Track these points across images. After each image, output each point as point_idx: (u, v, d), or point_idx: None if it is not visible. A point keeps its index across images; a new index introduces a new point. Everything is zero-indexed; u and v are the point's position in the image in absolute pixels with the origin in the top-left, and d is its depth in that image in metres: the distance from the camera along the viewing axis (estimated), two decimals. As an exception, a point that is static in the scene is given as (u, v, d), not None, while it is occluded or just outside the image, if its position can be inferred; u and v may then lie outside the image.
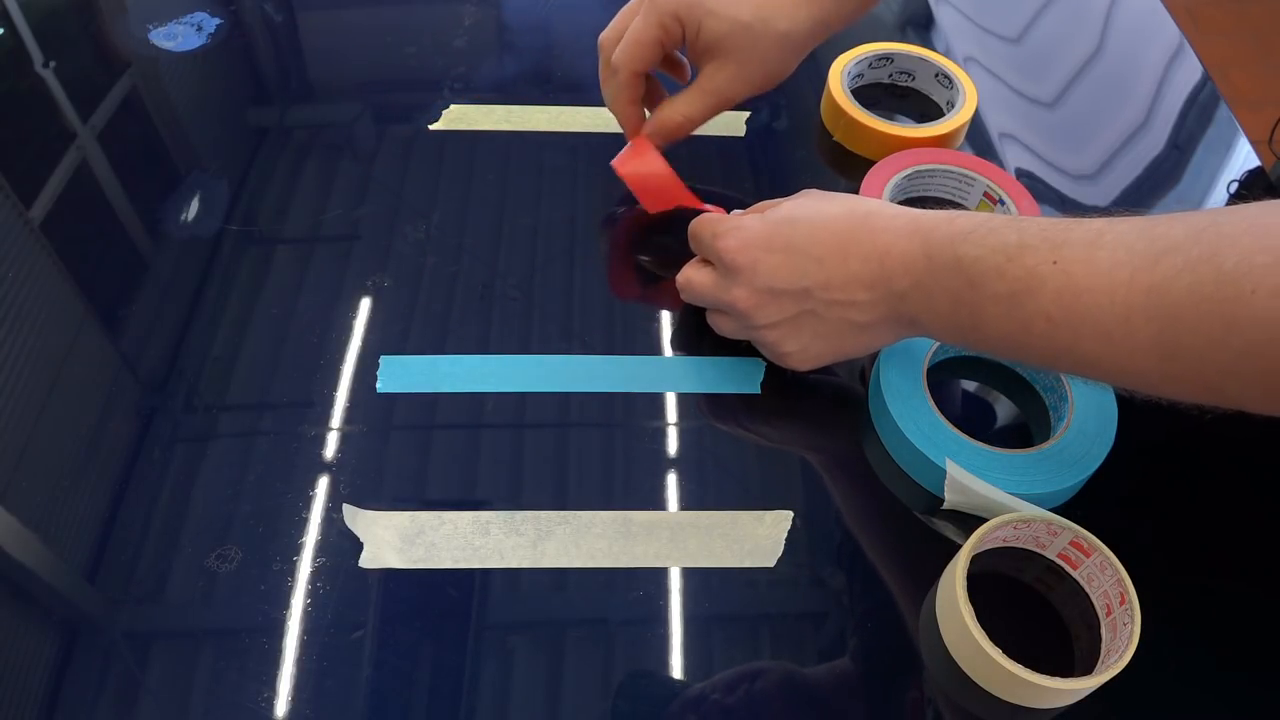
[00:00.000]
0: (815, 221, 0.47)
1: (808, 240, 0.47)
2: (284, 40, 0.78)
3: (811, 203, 0.49)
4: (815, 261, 0.47)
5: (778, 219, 0.49)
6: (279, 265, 0.59)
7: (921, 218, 0.45)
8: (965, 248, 0.42)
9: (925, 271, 0.44)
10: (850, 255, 0.46)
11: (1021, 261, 0.40)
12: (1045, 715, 0.43)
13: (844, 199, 0.49)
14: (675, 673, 0.44)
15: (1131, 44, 0.79)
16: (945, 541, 0.48)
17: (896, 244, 0.45)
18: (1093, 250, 0.39)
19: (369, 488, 0.49)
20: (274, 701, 0.42)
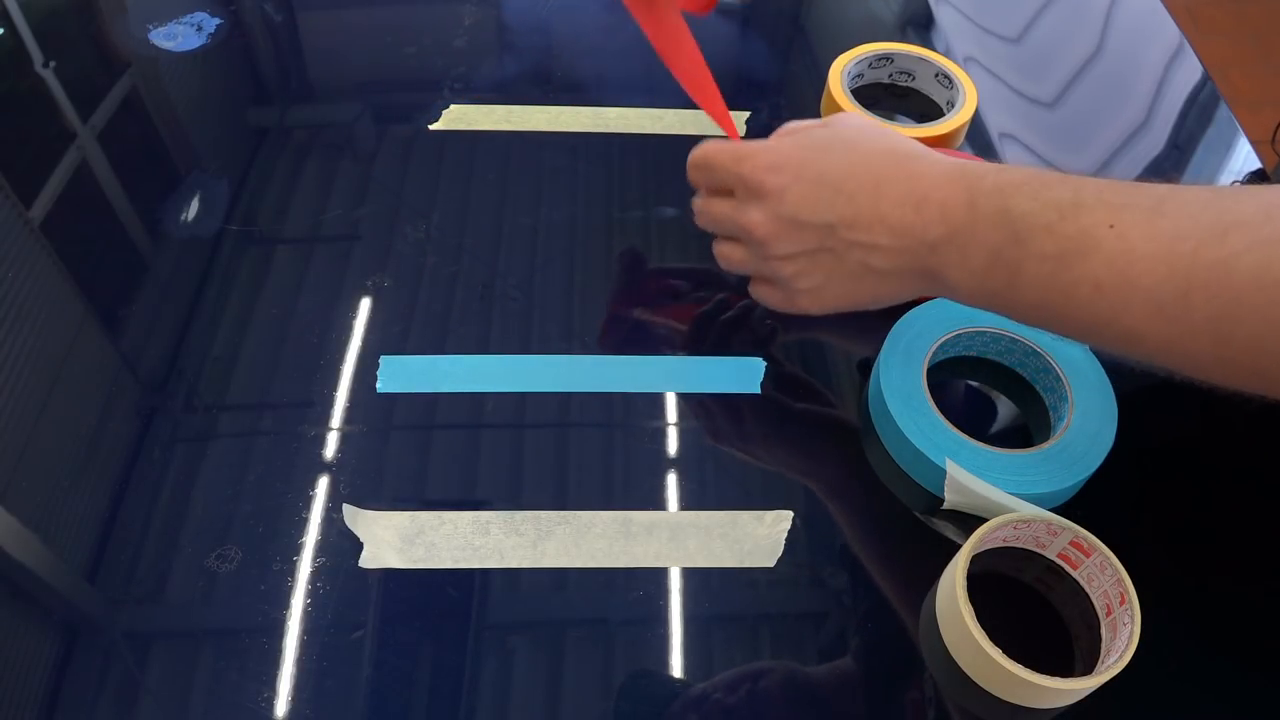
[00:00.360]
0: (854, 154, 0.45)
1: (842, 172, 0.44)
2: (284, 40, 0.78)
3: (851, 133, 0.46)
4: (846, 196, 0.44)
5: (813, 144, 0.45)
6: (279, 265, 0.59)
7: (968, 165, 0.42)
8: (1016, 200, 0.39)
9: (965, 222, 0.41)
10: (884, 195, 0.43)
11: (1076, 220, 0.38)
12: (1045, 715, 0.43)
13: (887, 135, 0.46)
14: (676, 673, 0.44)
15: (1131, 44, 0.79)
16: (945, 541, 0.48)
17: (937, 189, 0.42)
18: (1154, 217, 0.36)
19: (369, 488, 0.49)
20: (274, 701, 0.42)
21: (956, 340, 0.53)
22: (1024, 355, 0.53)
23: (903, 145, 0.45)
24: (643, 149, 0.67)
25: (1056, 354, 0.51)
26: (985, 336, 0.53)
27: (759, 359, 0.55)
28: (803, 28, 0.82)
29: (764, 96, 0.73)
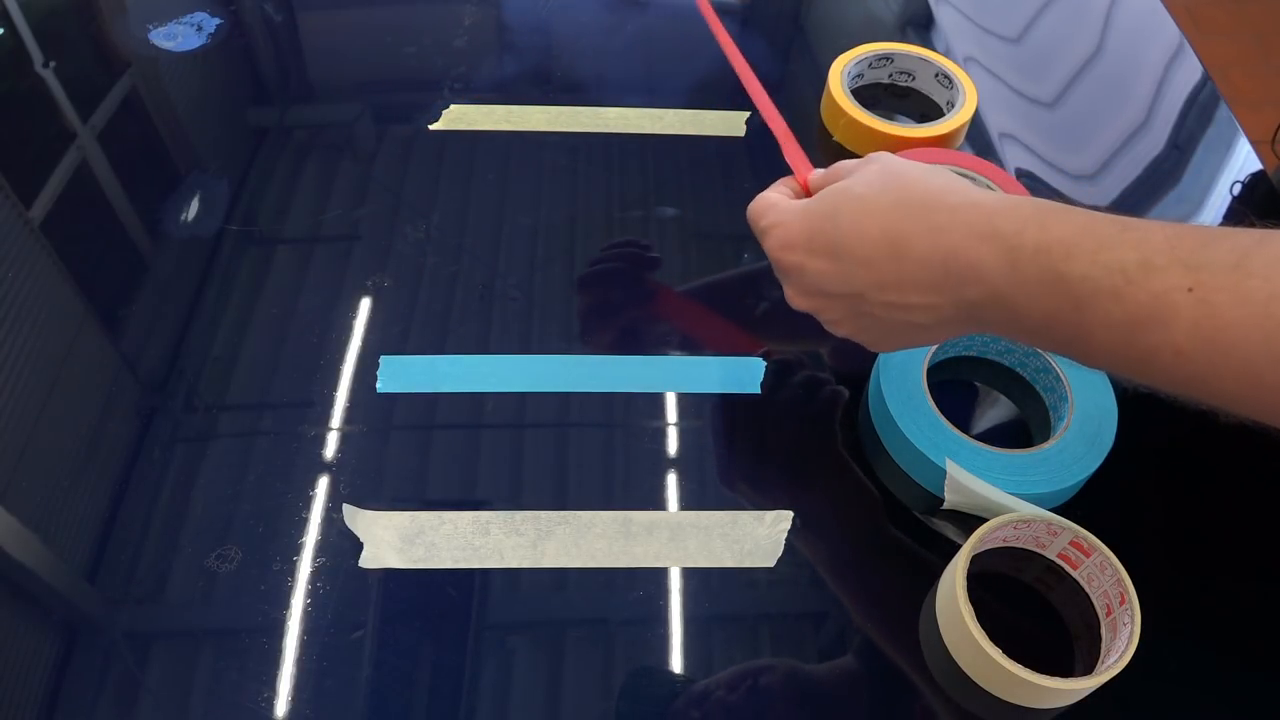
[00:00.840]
0: (860, 217, 0.41)
1: (853, 240, 0.41)
2: (284, 40, 0.78)
3: (861, 188, 0.42)
4: (862, 264, 0.41)
5: (820, 214, 0.43)
6: (279, 265, 0.59)
7: (997, 214, 0.38)
8: (1071, 265, 0.35)
9: (1008, 284, 0.37)
10: (904, 256, 0.40)
11: (1147, 284, 0.34)
12: (1045, 715, 0.43)
13: (899, 183, 0.42)
14: (677, 672, 0.44)
15: (1131, 44, 0.79)
16: (945, 541, 0.48)
17: (965, 248, 0.38)
18: (1240, 277, 0.33)
19: (369, 488, 0.49)
20: (274, 701, 0.42)
21: (956, 340, 0.53)
22: (1024, 355, 0.53)
23: (916, 190, 0.41)
24: (643, 149, 0.67)
25: (1056, 354, 0.51)
26: (985, 336, 0.53)
27: (759, 359, 0.55)
28: (803, 28, 0.82)
29: (764, 96, 0.73)
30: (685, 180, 0.66)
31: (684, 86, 0.72)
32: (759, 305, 0.58)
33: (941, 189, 0.41)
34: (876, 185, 0.42)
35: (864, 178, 0.43)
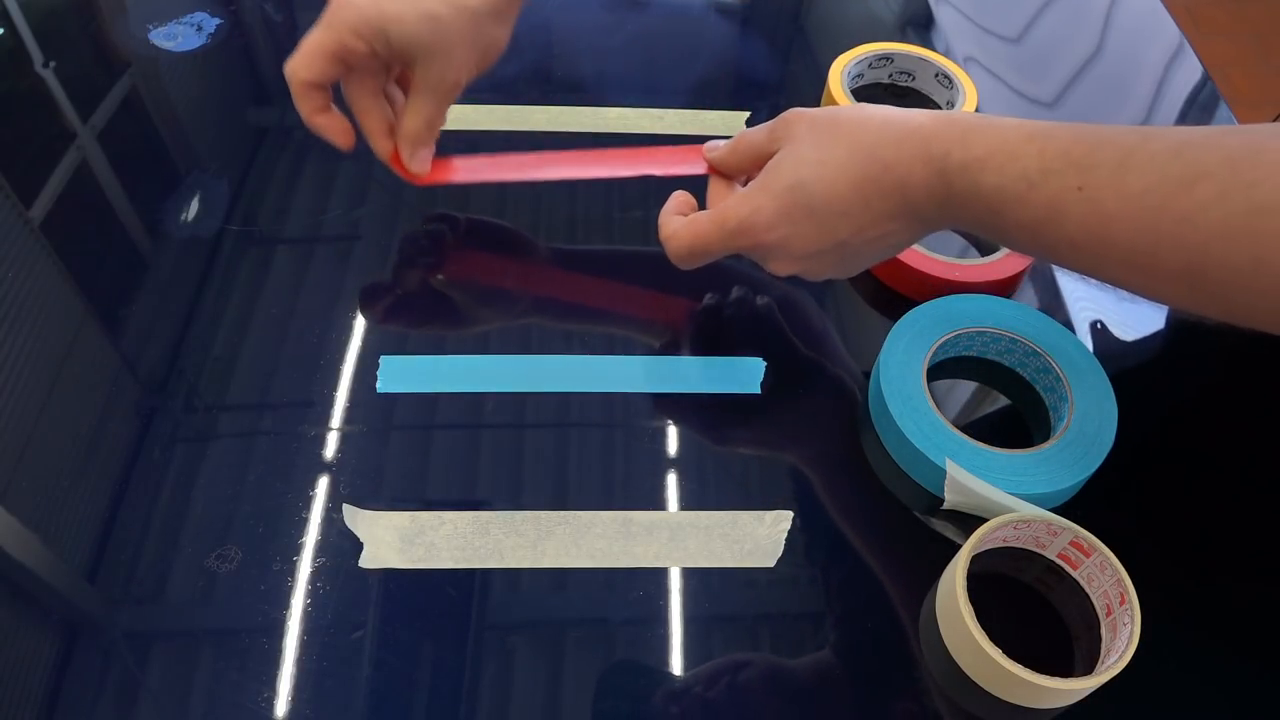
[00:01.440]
0: (826, 178, 0.45)
1: (826, 200, 0.45)
2: (284, 40, 0.78)
3: (810, 152, 0.46)
4: (841, 216, 0.46)
5: (787, 188, 0.46)
6: (279, 265, 0.59)
7: (931, 139, 0.43)
8: (985, 176, 0.41)
9: (946, 198, 0.43)
10: (871, 197, 0.45)
11: (1045, 188, 0.39)
12: (1045, 715, 0.43)
13: (844, 132, 0.46)
14: (675, 673, 0.44)
15: (1131, 44, 0.79)
16: (945, 541, 0.48)
17: (913, 174, 0.44)
18: (1122, 174, 0.37)
19: (369, 488, 0.49)
20: (274, 701, 0.42)
21: (956, 340, 0.53)
22: (1024, 355, 0.53)
23: (862, 138, 0.45)
24: (643, 149, 0.67)
25: (1056, 354, 0.51)
26: (985, 336, 0.53)
27: (759, 359, 0.55)
28: (803, 28, 0.82)
29: (764, 96, 0.73)
30: (685, 180, 0.66)
31: (684, 86, 0.72)
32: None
33: (879, 125, 0.45)
34: (826, 142, 0.46)
35: (810, 141, 0.46)
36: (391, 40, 0.50)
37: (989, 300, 0.54)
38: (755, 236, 0.47)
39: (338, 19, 0.50)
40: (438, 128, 0.55)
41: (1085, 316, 0.58)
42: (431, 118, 0.54)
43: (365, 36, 0.50)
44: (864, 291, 0.59)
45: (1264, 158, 0.34)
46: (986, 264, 0.57)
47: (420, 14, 0.50)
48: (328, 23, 0.51)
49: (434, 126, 0.54)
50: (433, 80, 0.52)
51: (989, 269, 0.57)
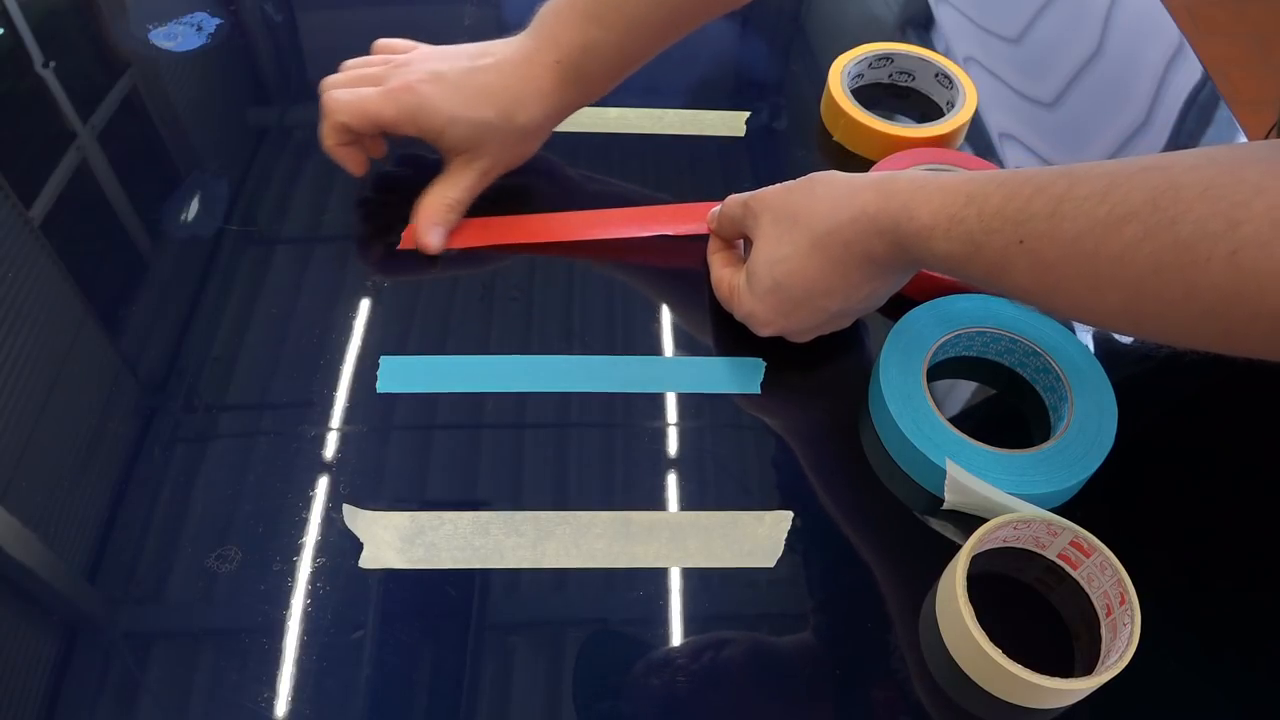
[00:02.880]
0: (798, 272, 0.49)
1: (806, 290, 0.49)
2: (284, 40, 0.78)
3: (776, 250, 0.50)
4: (825, 296, 0.50)
5: (767, 291, 0.50)
6: (279, 265, 0.59)
7: (878, 216, 0.46)
8: (935, 243, 0.44)
9: (909, 260, 0.47)
10: (847, 271, 0.48)
11: (990, 247, 0.42)
12: (1045, 715, 0.43)
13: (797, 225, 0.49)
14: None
15: (1131, 44, 0.79)
16: (945, 541, 0.48)
17: (873, 248, 0.47)
18: (1056, 222, 0.40)
19: (369, 488, 0.49)
20: (274, 701, 0.42)
21: (956, 340, 0.53)
22: (1024, 355, 0.53)
23: (815, 226, 0.48)
24: (642, 149, 0.67)
25: (1056, 354, 0.51)
26: (985, 336, 0.53)
27: (759, 359, 0.55)
28: (803, 28, 0.82)
29: (764, 96, 0.73)
30: (685, 180, 0.66)
31: (684, 86, 0.72)
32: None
33: (829, 210, 0.48)
34: (787, 237, 0.49)
35: (774, 236, 0.50)
36: (446, 135, 0.57)
37: (989, 300, 0.54)
38: (761, 330, 0.53)
39: (399, 100, 0.56)
40: (458, 213, 0.59)
41: (1085, 316, 0.58)
42: (460, 200, 0.59)
43: (421, 125, 0.56)
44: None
45: (1183, 194, 0.36)
46: None
47: (478, 120, 0.56)
48: (390, 98, 0.56)
49: (455, 210, 0.59)
50: (474, 172, 0.58)
51: None
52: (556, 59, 0.56)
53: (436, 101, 0.56)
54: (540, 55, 0.57)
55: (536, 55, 0.57)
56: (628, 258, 0.61)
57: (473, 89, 0.56)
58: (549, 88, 0.57)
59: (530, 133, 0.59)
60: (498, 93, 0.56)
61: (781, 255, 0.49)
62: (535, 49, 0.57)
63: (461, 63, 0.57)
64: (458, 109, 0.56)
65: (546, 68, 0.57)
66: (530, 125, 0.58)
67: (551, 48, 0.56)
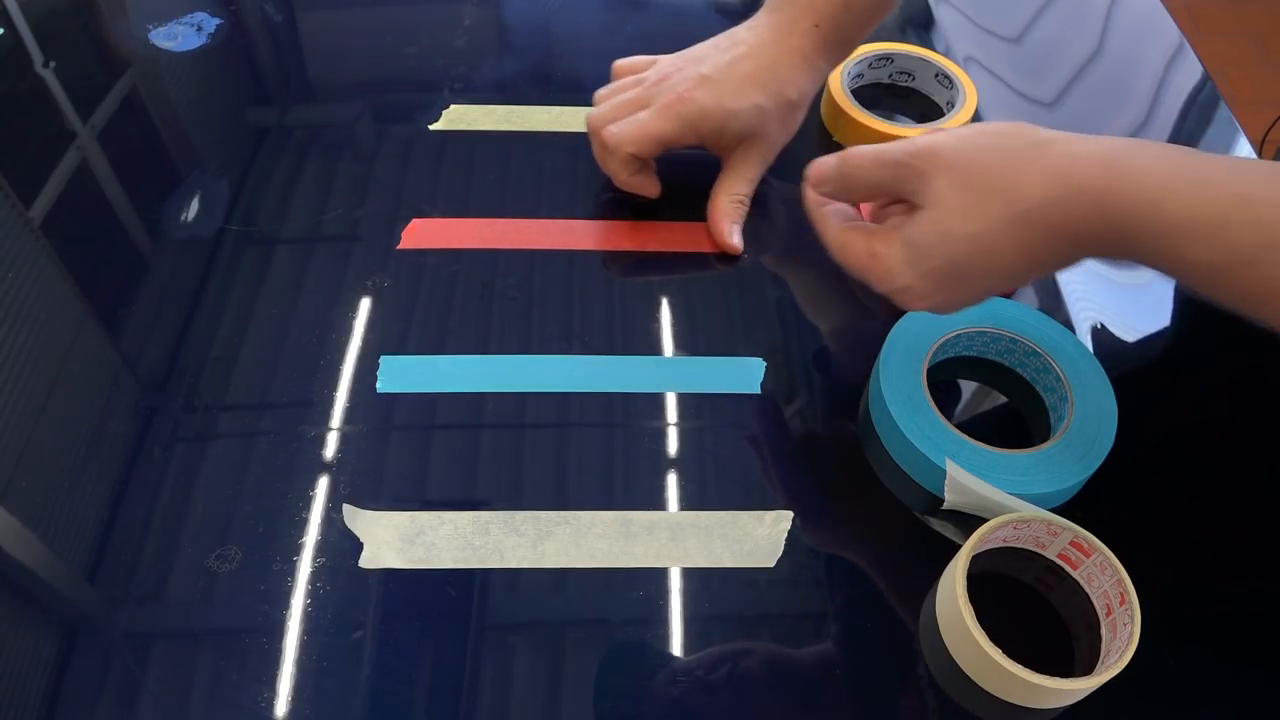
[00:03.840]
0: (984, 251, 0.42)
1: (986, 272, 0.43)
2: (284, 40, 0.78)
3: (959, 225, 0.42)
4: (1007, 277, 0.44)
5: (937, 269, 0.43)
6: (279, 265, 0.59)
7: (1107, 200, 0.39)
8: (1188, 249, 0.37)
9: (1137, 260, 0.40)
10: (1048, 256, 0.42)
11: (1269, 263, 0.36)
12: (1045, 715, 0.43)
13: (992, 194, 0.41)
14: (673, 667, 0.44)
15: (1131, 44, 0.79)
16: (945, 541, 0.48)
17: (1093, 238, 0.40)
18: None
19: (369, 488, 0.49)
20: (274, 701, 0.42)
21: (956, 340, 0.53)
22: (1024, 355, 0.53)
23: (1018, 197, 0.41)
24: (643, 149, 0.67)
25: (1056, 354, 0.51)
26: (985, 336, 0.53)
27: (759, 359, 0.55)
28: (803, 28, 0.82)
29: (764, 96, 0.73)
30: (685, 180, 0.66)
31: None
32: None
33: (1040, 179, 0.40)
34: (977, 208, 0.42)
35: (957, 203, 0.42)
36: (726, 132, 0.57)
37: (989, 300, 0.54)
38: (912, 305, 0.47)
39: (678, 112, 0.56)
40: (747, 205, 0.60)
41: (1085, 316, 0.58)
42: (745, 196, 0.60)
43: (702, 131, 0.57)
44: (864, 292, 0.59)
45: None
46: None
47: (753, 107, 0.57)
48: (669, 113, 0.57)
49: (746, 204, 0.60)
50: (750, 163, 0.59)
51: None
52: (815, 23, 0.56)
53: (711, 103, 0.56)
54: (798, 24, 0.57)
55: (794, 25, 0.57)
56: (628, 257, 0.61)
57: (739, 80, 0.56)
58: (812, 55, 0.57)
59: (799, 105, 0.59)
60: (764, 76, 0.57)
61: (967, 231, 0.42)
62: (791, 19, 0.57)
63: (719, 58, 0.57)
64: (732, 103, 0.56)
65: (806, 35, 0.57)
66: (799, 98, 0.58)
67: (808, 13, 0.56)
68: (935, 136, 0.44)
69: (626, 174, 0.59)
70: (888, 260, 0.45)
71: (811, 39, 0.57)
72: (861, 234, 0.47)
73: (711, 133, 0.57)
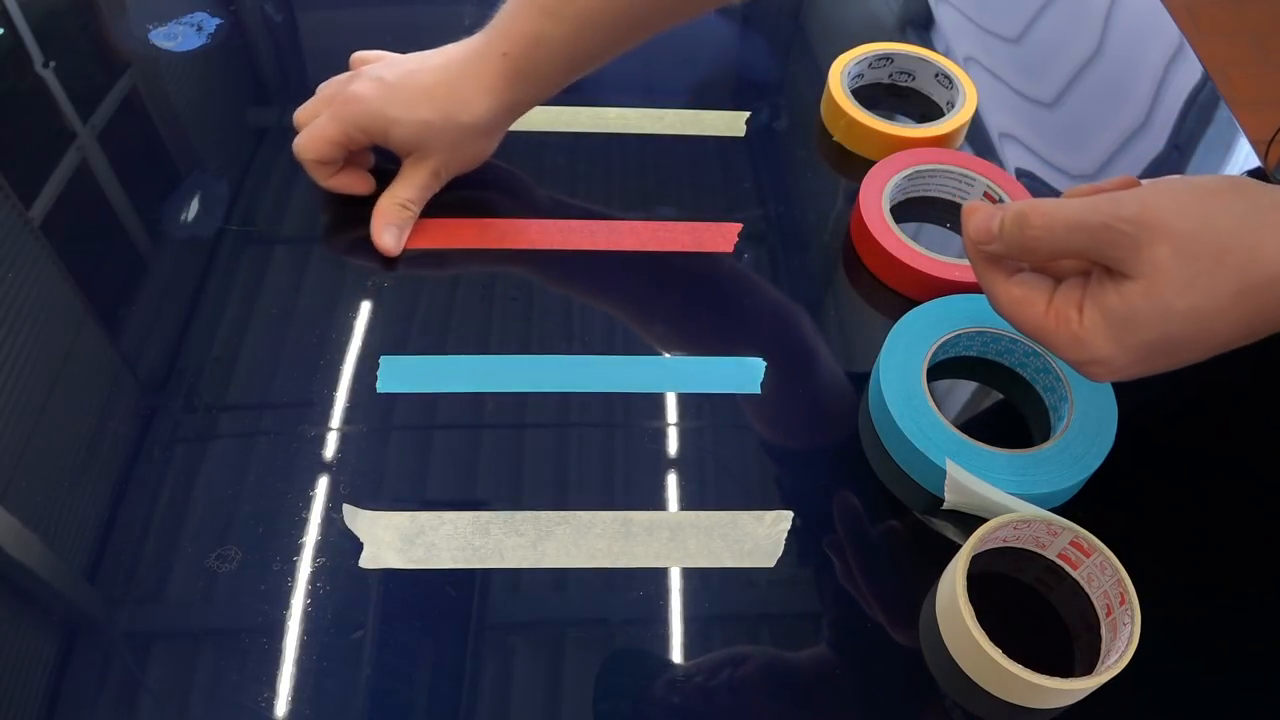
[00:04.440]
0: (1205, 327, 0.38)
1: (1199, 345, 0.39)
2: (284, 40, 0.78)
3: (1181, 301, 0.37)
4: (1216, 350, 0.39)
5: (1146, 343, 0.39)
6: (279, 265, 0.59)
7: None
8: None
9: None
10: (1263, 324, 0.38)
11: None
12: (1045, 715, 0.43)
13: (1225, 269, 0.37)
14: (674, 672, 0.44)
15: (1131, 44, 0.79)
16: (945, 541, 0.48)
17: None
18: None
19: (369, 488, 0.49)
20: (274, 701, 0.42)
21: (956, 340, 0.53)
22: (1024, 355, 0.53)
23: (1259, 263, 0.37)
24: (642, 149, 0.67)
25: None
26: (985, 336, 0.53)
27: (759, 359, 0.55)
28: (803, 28, 0.82)
29: (764, 96, 0.73)
30: (685, 180, 0.66)
31: (684, 86, 0.72)
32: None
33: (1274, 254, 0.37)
34: (1205, 282, 0.37)
35: (1180, 277, 0.38)
36: (391, 138, 0.58)
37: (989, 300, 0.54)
38: (1102, 376, 0.42)
39: (345, 114, 0.57)
40: (411, 212, 0.59)
41: (1085, 316, 0.58)
42: (411, 199, 0.59)
43: (369, 131, 0.57)
44: (864, 291, 0.59)
45: None
46: None
47: (417, 120, 0.56)
48: (336, 115, 0.57)
49: (409, 209, 0.59)
50: (424, 172, 0.59)
51: None
52: (504, 51, 0.56)
53: (376, 107, 0.56)
54: (489, 49, 0.56)
55: (486, 49, 0.56)
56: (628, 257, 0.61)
57: (413, 90, 0.56)
58: (497, 82, 0.56)
59: (478, 131, 0.58)
60: (439, 92, 0.56)
61: (1189, 305, 0.37)
62: (485, 43, 0.57)
63: (407, 66, 0.58)
64: (398, 111, 0.56)
65: (494, 61, 0.56)
66: (476, 124, 0.57)
67: (501, 40, 0.56)
68: (1144, 196, 0.39)
69: (323, 178, 0.60)
70: (1078, 329, 0.41)
71: (499, 67, 0.56)
72: (1041, 292, 0.43)
73: (379, 136, 0.57)
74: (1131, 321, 0.39)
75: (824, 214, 0.64)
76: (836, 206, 0.64)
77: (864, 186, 0.60)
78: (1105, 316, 0.40)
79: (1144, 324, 0.39)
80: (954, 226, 0.63)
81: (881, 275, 0.59)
